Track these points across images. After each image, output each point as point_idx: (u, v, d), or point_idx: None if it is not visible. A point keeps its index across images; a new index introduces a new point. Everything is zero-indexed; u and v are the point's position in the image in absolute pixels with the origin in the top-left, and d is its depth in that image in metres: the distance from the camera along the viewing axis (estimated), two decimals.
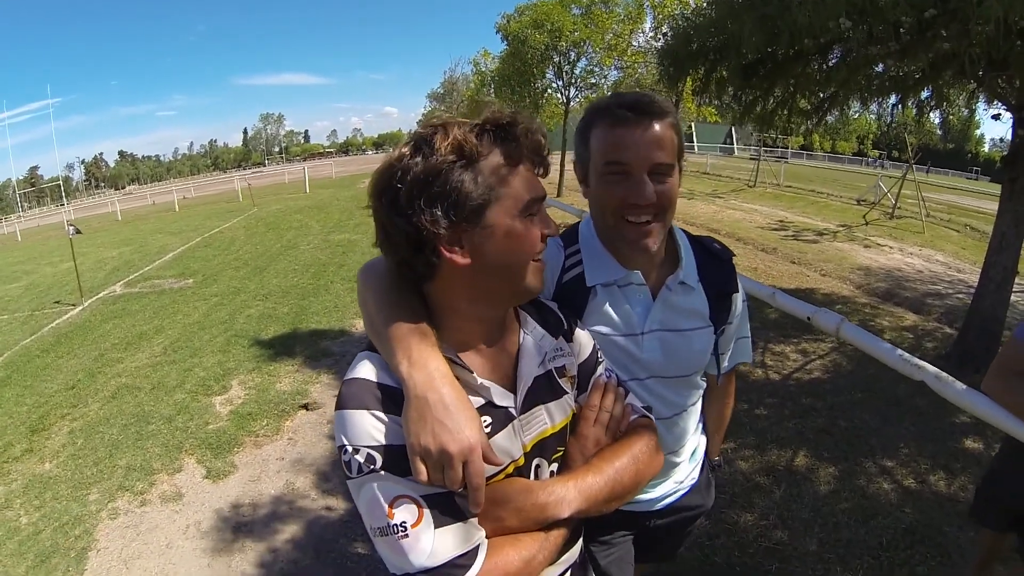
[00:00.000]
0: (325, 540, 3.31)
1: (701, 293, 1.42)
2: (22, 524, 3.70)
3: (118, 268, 12.57)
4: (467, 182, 0.91)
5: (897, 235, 12.66)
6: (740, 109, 5.57)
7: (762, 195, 19.92)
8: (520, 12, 17.08)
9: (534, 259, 1.01)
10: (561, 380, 1.14)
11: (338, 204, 20.51)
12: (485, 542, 0.95)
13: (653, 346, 1.38)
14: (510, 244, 0.97)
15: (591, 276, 1.36)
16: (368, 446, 0.91)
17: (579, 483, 1.04)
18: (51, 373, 6.36)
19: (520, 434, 1.05)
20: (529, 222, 0.98)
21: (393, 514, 0.89)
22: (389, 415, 0.93)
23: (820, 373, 5.17)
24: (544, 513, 1.00)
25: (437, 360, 0.94)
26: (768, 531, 3.14)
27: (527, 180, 0.97)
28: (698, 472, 1.65)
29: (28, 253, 19.88)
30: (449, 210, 0.91)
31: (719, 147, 50.80)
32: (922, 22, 3.57)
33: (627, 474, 1.09)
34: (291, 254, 11.85)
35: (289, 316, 7.50)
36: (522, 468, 1.06)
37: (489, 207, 0.94)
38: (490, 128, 0.94)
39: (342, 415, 0.93)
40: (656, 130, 1.22)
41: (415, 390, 0.90)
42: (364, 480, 0.91)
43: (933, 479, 3.57)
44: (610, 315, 1.36)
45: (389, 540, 0.90)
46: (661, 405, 1.43)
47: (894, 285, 8.43)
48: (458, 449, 0.87)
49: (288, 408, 4.92)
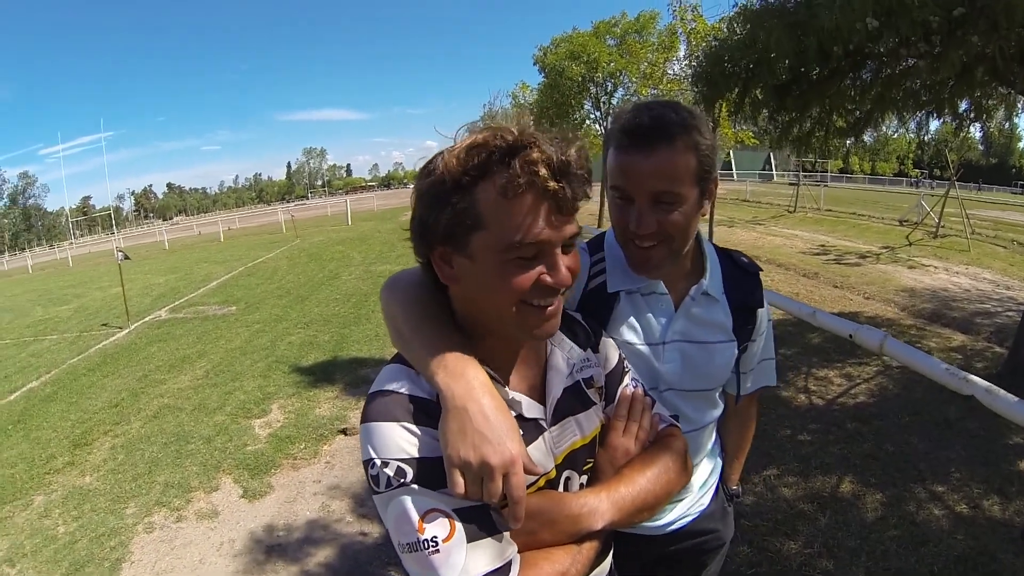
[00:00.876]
0: (359, 564, 3.30)
1: (725, 306, 1.39)
2: (59, 533, 3.80)
3: (164, 294, 12.98)
4: (454, 205, 0.86)
5: (942, 254, 12.26)
6: (777, 131, 5.51)
7: (802, 220, 19.58)
8: (556, 44, 17.26)
9: (526, 303, 0.90)
10: (589, 391, 1.12)
11: (380, 236, 20.84)
12: (518, 557, 0.92)
13: (673, 357, 1.35)
14: (487, 281, 0.89)
15: (613, 283, 1.34)
16: (398, 459, 0.87)
17: (611, 494, 1.02)
18: (96, 391, 6.57)
19: (551, 446, 1.03)
20: (514, 264, 0.87)
21: (424, 528, 0.85)
22: (421, 427, 0.89)
23: (865, 397, 4.99)
24: (577, 525, 0.97)
25: (475, 369, 0.92)
26: (813, 560, 3.01)
27: (524, 217, 0.84)
28: (709, 499, 1.57)
29: (79, 278, 20.68)
30: (439, 226, 0.88)
31: (758, 174, 50.28)
32: (952, 21, 3.52)
33: (659, 484, 1.06)
34: (333, 284, 12.05)
35: (330, 344, 7.59)
36: (553, 481, 1.03)
37: (474, 235, 0.87)
38: (494, 150, 0.84)
39: (370, 427, 0.90)
40: (660, 157, 1.15)
41: (454, 401, 0.87)
42: (394, 494, 0.87)
43: (987, 504, 3.40)
44: (632, 323, 1.34)
45: (419, 556, 0.86)
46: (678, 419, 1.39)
47: (940, 305, 8.14)
48: (500, 461, 0.84)
49: (326, 433, 4.96)
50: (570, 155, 0.85)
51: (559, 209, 0.86)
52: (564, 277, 0.89)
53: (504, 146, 0.83)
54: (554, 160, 0.83)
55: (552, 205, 0.85)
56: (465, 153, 0.84)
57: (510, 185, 0.82)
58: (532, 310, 0.91)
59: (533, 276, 0.88)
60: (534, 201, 0.84)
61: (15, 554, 3.62)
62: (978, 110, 4.73)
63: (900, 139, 31.78)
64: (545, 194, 0.84)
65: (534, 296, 0.89)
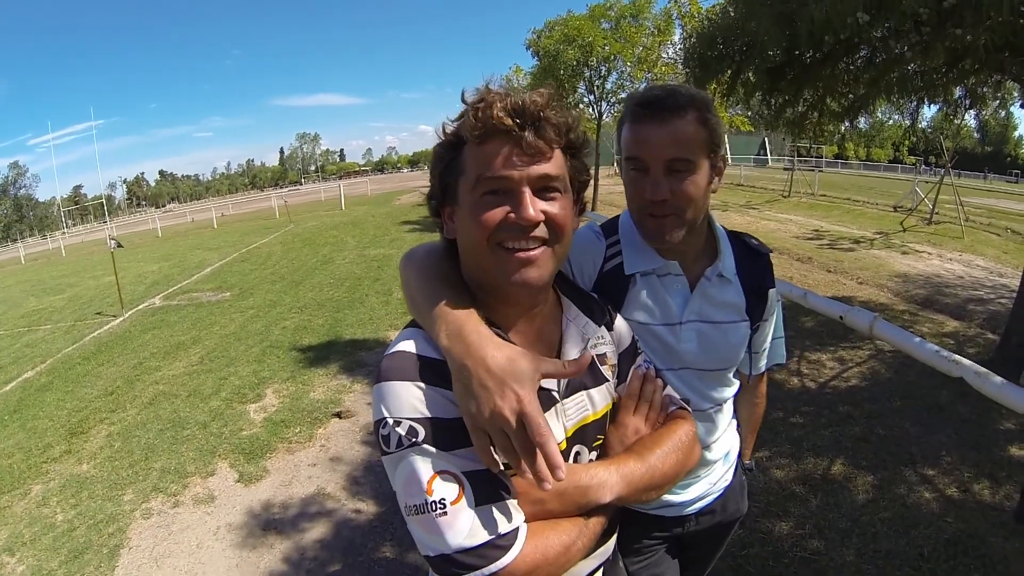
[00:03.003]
0: (354, 543, 3.32)
1: (738, 287, 1.42)
2: (58, 521, 3.82)
3: (158, 282, 12.92)
4: (447, 161, 0.98)
5: (936, 241, 12.32)
6: (770, 114, 5.50)
7: (797, 205, 19.63)
8: (550, 28, 17.15)
9: (500, 245, 0.94)
10: (603, 368, 1.13)
11: (373, 220, 20.82)
12: (525, 525, 0.92)
13: (690, 337, 1.38)
14: (466, 222, 0.96)
15: (629, 264, 1.36)
16: (411, 418, 0.88)
17: (621, 468, 1.02)
18: (91, 380, 6.56)
19: (563, 418, 1.04)
20: (483, 202, 0.93)
21: (432, 490, 0.86)
22: (433, 387, 0.91)
23: (858, 381, 5.03)
24: (586, 496, 0.97)
25: (474, 323, 0.93)
26: (804, 540, 3.05)
27: (490, 157, 0.92)
28: (732, 475, 1.61)
29: (72, 267, 20.56)
30: (439, 182, 1.01)
31: (752, 158, 50.23)
32: (941, 13, 3.53)
33: (668, 462, 1.07)
34: (327, 268, 12.04)
35: (324, 328, 7.61)
36: (563, 453, 1.03)
37: (459, 182, 0.97)
38: (469, 107, 0.94)
39: (382, 387, 0.91)
40: (673, 125, 1.21)
41: (454, 361, 0.89)
42: (404, 454, 0.88)
43: (977, 488, 3.44)
44: (648, 304, 1.36)
45: (425, 519, 0.86)
46: (696, 397, 1.42)
47: (933, 291, 8.19)
48: (509, 407, 0.84)
49: (321, 416, 4.98)
50: (534, 101, 0.92)
51: (522, 149, 0.92)
52: (530, 215, 0.92)
53: (475, 102, 0.93)
54: (510, 104, 0.91)
55: (514, 146, 0.91)
56: (456, 118, 0.97)
57: (472, 129, 0.91)
58: (506, 254, 0.94)
59: (500, 213, 0.92)
60: (499, 143, 0.92)
61: (14, 543, 3.63)
62: (973, 97, 4.72)
63: (896, 126, 31.68)
64: (508, 137, 0.91)
65: (505, 236, 0.93)
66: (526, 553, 0.89)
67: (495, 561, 0.86)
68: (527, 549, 0.89)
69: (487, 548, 0.86)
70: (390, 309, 8.21)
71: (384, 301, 8.69)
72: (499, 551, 0.87)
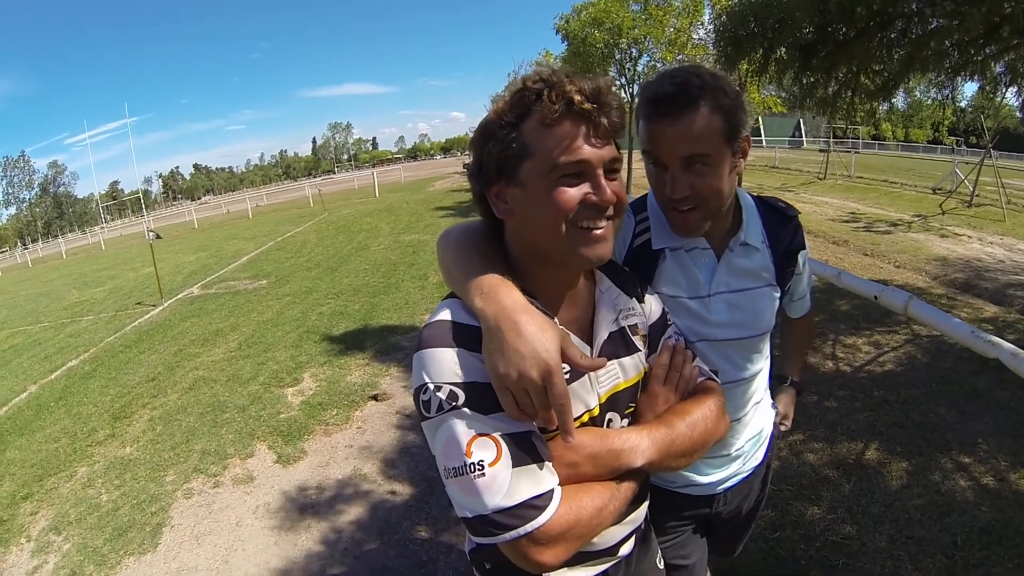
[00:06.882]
0: (389, 523, 3.40)
1: (766, 252, 1.43)
2: (103, 501, 3.98)
3: (195, 272, 13.25)
4: (502, 139, 0.96)
5: (976, 224, 11.91)
6: (802, 93, 5.39)
7: (832, 187, 19.16)
8: (578, 11, 16.96)
9: (575, 225, 0.96)
10: (635, 338, 1.16)
11: (407, 207, 20.95)
12: (559, 488, 0.95)
13: (720, 307, 1.39)
14: (538, 205, 0.96)
15: (657, 240, 1.38)
16: (451, 383, 0.92)
17: (652, 433, 1.05)
18: (133, 367, 6.79)
19: (595, 385, 1.07)
20: (560, 184, 0.95)
21: (472, 452, 0.89)
22: (469, 351, 0.94)
23: (893, 365, 4.93)
24: (619, 460, 1.01)
25: (508, 289, 0.96)
26: (836, 525, 3.02)
27: (565, 140, 0.93)
28: (763, 454, 1.62)
29: (112, 260, 21.18)
30: (492, 163, 0.98)
31: (787, 140, 49.14)
32: None
33: (697, 430, 1.09)
34: (362, 255, 12.17)
35: (360, 313, 7.72)
36: (596, 419, 1.07)
37: (523, 164, 0.96)
38: (529, 92, 0.95)
39: (422, 354, 0.95)
40: (687, 121, 1.18)
41: (488, 322, 0.92)
42: (444, 418, 0.92)
43: (1014, 477, 3.34)
44: (677, 278, 1.38)
45: (464, 480, 0.90)
46: (730, 368, 1.44)
47: (973, 276, 7.93)
48: (538, 372, 0.87)
49: (358, 399, 5.07)
50: (600, 84, 0.95)
51: (596, 131, 0.95)
52: (608, 196, 0.96)
53: (540, 82, 0.94)
54: (586, 88, 0.93)
55: (589, 127, 0.94)
56: (509, 96, 0.98)
57: (547, 112, 0.92)
58: (580, 232, 0.97)
59: (578, 195, 0.95)
60: (572, 125, 0.94)
61: (61, 522, 3.80)
62: (1013, 74, 4.55)
63: (934, 105, 30.55)
64: (581, 117, 0.93)
65: (582, 216, 0.96)
66: (561, 514, 0.92)
67: (531, 520, 0.90)
68: (562, 510, 0.92)
69: (523, 508, 0.89)
70: (425, 294, 8.28)
71: (420, 286, 8.76)
72: (535, 511, 0.90)
